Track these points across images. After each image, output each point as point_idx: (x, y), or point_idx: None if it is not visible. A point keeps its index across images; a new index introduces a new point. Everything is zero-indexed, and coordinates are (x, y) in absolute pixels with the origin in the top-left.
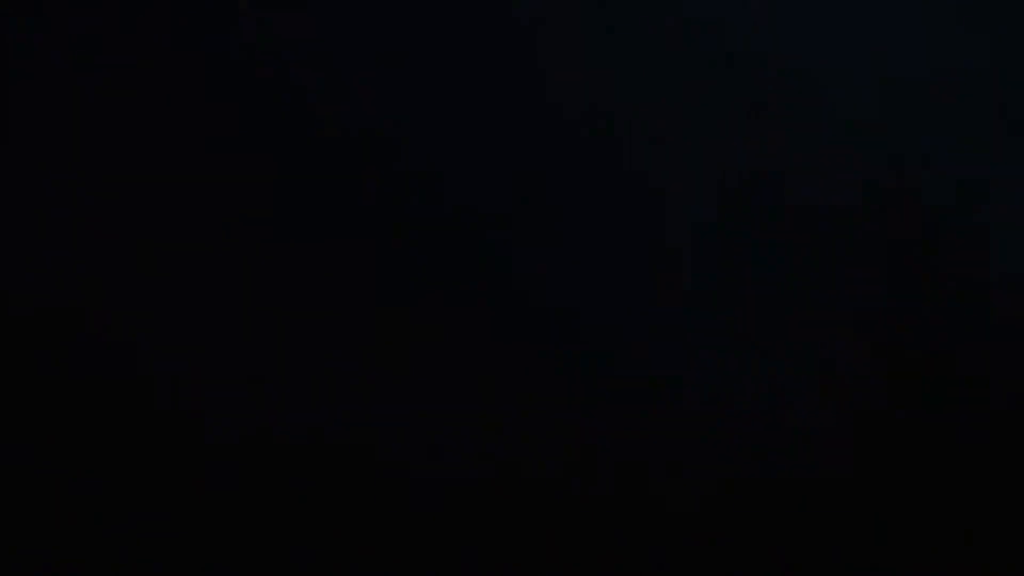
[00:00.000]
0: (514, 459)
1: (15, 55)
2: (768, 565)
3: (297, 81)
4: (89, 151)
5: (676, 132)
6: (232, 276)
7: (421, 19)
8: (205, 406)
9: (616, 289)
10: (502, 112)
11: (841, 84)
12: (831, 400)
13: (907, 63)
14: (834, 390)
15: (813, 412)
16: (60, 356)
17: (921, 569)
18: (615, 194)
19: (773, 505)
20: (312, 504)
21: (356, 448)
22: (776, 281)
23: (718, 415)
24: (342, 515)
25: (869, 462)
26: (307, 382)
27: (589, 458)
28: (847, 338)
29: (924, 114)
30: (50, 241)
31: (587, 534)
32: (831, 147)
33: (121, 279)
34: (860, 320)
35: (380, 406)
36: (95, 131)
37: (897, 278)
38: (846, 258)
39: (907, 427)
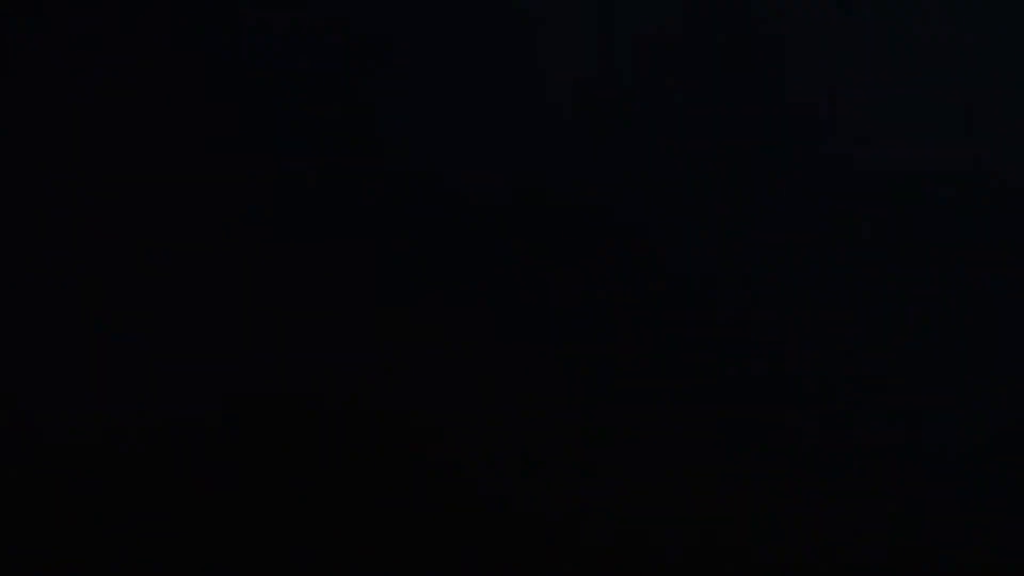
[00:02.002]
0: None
1: (15, 55)
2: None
3: (297, 81)
4: (89, 151)
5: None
6: (231, 276)
7: (421, 19)
8: (204, 405)
9: (617, 294)
10: (502, 111)
11: None
12: None
13: None
14: None
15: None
16: (62, 356)
17: None
18: (613, 192)
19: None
20: (311, 504)
21: (356, 447)
22: None
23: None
24: (342, 515)
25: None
26: (305, 380)
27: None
28: None
29: None
30: (50, 241)
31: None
32: None
33: (121, 279)
34: None
35: (379, 404)
36: (95, 131)
37: None
38: None
39: None
